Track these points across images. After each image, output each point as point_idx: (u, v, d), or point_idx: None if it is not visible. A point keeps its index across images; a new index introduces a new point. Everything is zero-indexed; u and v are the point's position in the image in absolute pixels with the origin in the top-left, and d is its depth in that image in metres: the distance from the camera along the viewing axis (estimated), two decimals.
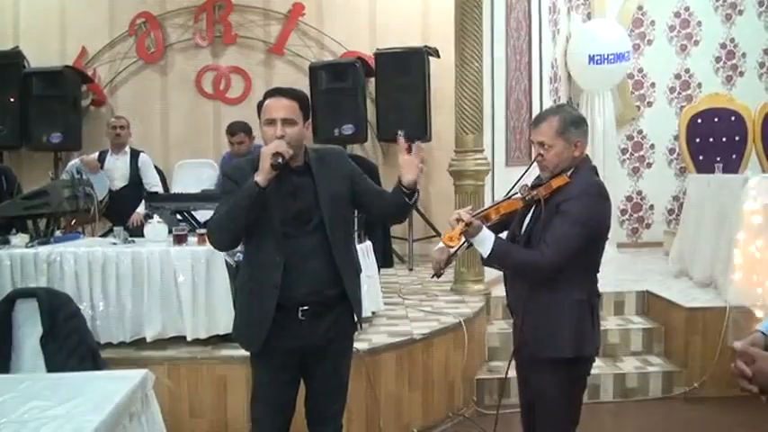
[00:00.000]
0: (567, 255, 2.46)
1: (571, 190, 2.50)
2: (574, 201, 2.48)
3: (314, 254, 2.55)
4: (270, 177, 2.43)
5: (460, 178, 5.24)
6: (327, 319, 2.60)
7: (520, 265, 2.55)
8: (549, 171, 2.57)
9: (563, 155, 2.55)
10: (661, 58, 8.13)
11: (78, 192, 4.66)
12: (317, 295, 2.56)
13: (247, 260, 2.69)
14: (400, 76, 6.78)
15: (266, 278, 2.54)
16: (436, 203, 7.22)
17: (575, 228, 2.46)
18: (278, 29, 7.54)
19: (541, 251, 2.46)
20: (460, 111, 5.22)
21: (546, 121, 2.58)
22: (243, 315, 2.69)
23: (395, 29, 7.25)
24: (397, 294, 5.29)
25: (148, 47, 7.55)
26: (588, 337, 2.58)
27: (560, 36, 7.35)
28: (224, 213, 2.51)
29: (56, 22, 7.58)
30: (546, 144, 2.54)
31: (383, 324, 4.42)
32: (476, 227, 2.45)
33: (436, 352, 4.21)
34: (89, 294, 3.94)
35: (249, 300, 2.63)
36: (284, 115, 2.51)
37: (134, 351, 3.94)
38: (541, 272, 2.49)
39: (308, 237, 2.55)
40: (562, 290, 2.54)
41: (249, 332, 2.64)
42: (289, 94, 2.57)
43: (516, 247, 2.58)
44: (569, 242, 2.46)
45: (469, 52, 5.11)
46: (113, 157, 5.77)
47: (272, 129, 2.52)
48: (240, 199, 2.45)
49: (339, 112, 6.80)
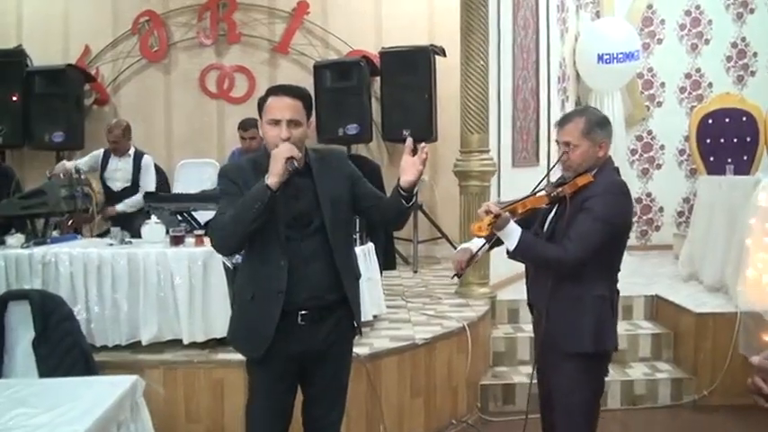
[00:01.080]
0: (590, 250, 2.51)
1: (595, 188, 2.55)
2: (597, 198, 2.53)
3: (314, 257, 2.48)
4: (281, 181, 2.32)
5: (465, 179, 5.14)
6: (328, 324, 2.54)
7: (544, 258, 2.60)
8: (573, 171, 2.63)
9: (588, 155, 2.60)
10: (671, 58, 8.00)
11: (76, 191, 4.59)
12: (318, 300, 2.49)
13: (248, 264, 2.59)
14: (406, 75, 6.67)
15: (270, 283, 2.46)
16: (442, 205, 7.13)
17: (597, 224, 2.51)
18: (282, 27, 7.46)
19: (565, 246, 2.51)
20: (465, 110, 5.11)
21: (572, 122, 2.64)
22: (243, 320, 2.59)
23: (401, 28, 7.16)
24: (400, 297, 5.19)
25: (152, 45, 7.48)
26: (608, 333, 2.65)
27: (569, 35, 7.25)
28: (231, 217, 2.39)
29: (59, 21, 7.52)
30: (571, 144, 2.60)
31: (385, 328, 4.32)
32: (504, 219, 2.50)
33: (439, 357, 4.11)
34: (84, 296, 3.86)
35: (251, 305, 2.53)
36: (290, 116, 2.42)
37: (130, 354, 3.86)
38: (565, 266, 2.54)
39: (309, 240, 2.48)
40: (584, 285, 2.59)
41: (251, 338, 2.54)
42: (293, 93, 2.47)
43: (541, 241, 2.62)
44: (592, 238, 2.51)
45: (475, 49, 5.00)
46: (116, 160, 5.66)
47: (275, 129, 2.42)
48: (250, 202, 2.34)
49: (343, 112, 6.72)
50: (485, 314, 4.69)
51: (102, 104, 7.56)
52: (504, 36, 5.50)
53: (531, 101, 6.08)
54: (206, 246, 3.86)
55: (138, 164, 5.64)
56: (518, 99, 5.80)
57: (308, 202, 2.49)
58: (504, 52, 5.49)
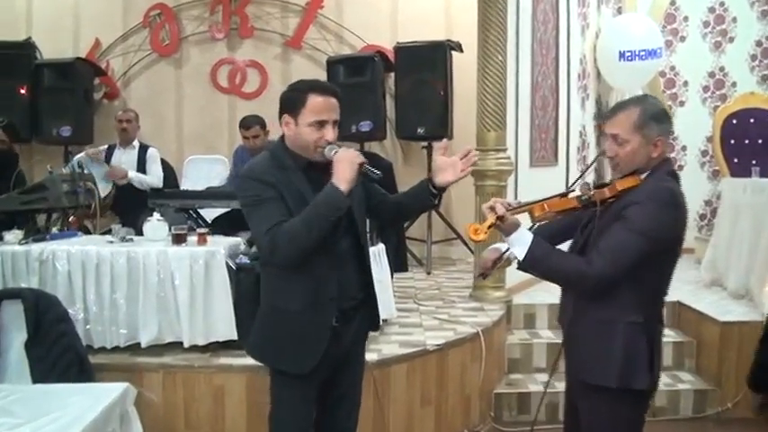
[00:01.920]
0: (621, 267, 2.14)
1: (638, 194, 2.19)
2: (637, 206, 2.15)
3: (349, 258, 2.41)
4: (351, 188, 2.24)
5: (481, 178, 4.95)
6: (355, 323, 2.48)
7: (562, 272, 2.23)
8: (619, 171, 2.28)
9: (638, 153, 2.23)
10: (694, 56, 7.74)
11: (78, 187, 4.46)
12: (350, 301, 2.43)
13: (291, 273, 2.35)
14: (421, 71, 6.48)
15: (321, 290, 2.34)
16: (457, 204, 6.94)
17: (632, 237, 2.13)
18: (296, 22, 7.30)
19: (589, 259, 2.16)
20: (482, 106, 4.92)
21: (624, 112, 2.25)
22: (287, 334, 2.39)
23: (416, 23, 6.97)
24: (412, 300, 5.02)
25: (163, 39, 7.35)
26: (640, 368, 2.22)
27: (590, 31, 7.02)
28: (303, 227, 2.22)
29: (69, 13, 7.39)
30: (620, 138, 2.23)
31: (395, 333, 4.14)
32: (511, 223, 2.19)
33: (451, 364, 3.93)
34: (82, 295, 3.71)
35: (298, 316, 2.35)
36: (336, 117, 2.32)
37: (128, 357, 3.71)
38: (586, 283, 2.18)
39: (342, 241, 2.38)
40: (614, 308, 2.22)
41: (302, 351, 2.36)
42: (336, 93, 2.37)
43: (559, 251, 2.26)
44: (625, 252, 2.13)
45: (493, 44, 4.81)
46: (121, 151, 5.55)
47: (320, 131, 2.28)
48: (327, 211, 2.21)
49: (357, 108, 6.49)
50: (500, 319, 4.50)
51: (112, 99, 7.44)
52: (523, 31, 5.30)
53: (550, 98, 5.87)
54: (208, 244, 3.71)
55: (143, 156, 5.52)
56: (537, 96, 5.60)
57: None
58: (522, 48, 5.29)
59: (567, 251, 2.28)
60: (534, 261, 2.20)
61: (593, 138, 7.28)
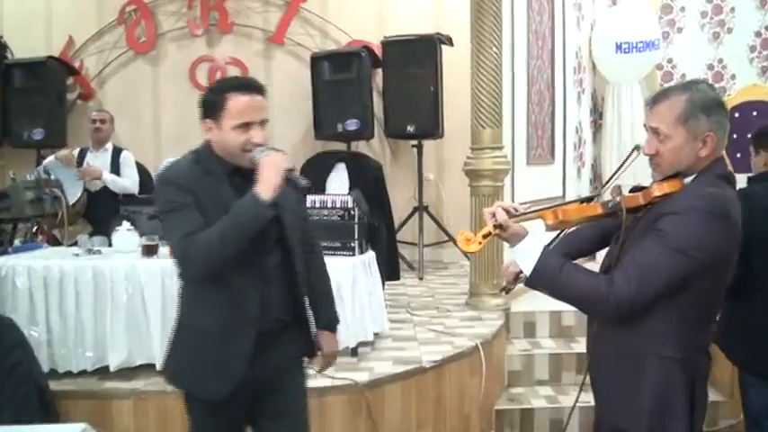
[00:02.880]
0: (650, 291, 1.77)
1: (678, 201, 1.81)
2: (675, 217, 1.77)
3: (275, 276, 2.16)
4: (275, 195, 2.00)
5: (476, 179, 4.65)
6: (283, 346, 2.21)
7: (575, 293, 1.84)
8: (660, 172, 1.90)
9: (683, 151, 1.84)
10: (692, 47, 7.43)
11: (44, 194, 4.15)
12: (275, 323, 2.17)
13: (202, 288, 2.12)
14: (410, 66, 6.16)
15: (240, 310, 2.08)
16: (449, 206, 6.65)
17: (666, 254, 1.75)
18: (278, 16, 6.96)
19: (611, 279, 1.79)
20: (477, 102, 4.63)
21: (667, 101, 1.85)
22: (203, 357, 2.13)
23: (404, 16, 6.68)
24: (405, 309, 4.71)
25: (139, 36, 7.00)
26: (675, 416, 1.83)
27: (585, 22, 6.73)
28: (218, 238, 1.97)
29: (41, 11, 7.03)
30: (661, 133, 1.85)
31: (387, 348, 3.84)
32: (514, 232, 1.87)
33: (449, 381, 3.63)
34: (45, 315, 3.42)
35: (214, 338, 2.10)
36: (263, 116, 2.08)
37: (96, 382, 3.40)
38: (605, 308, 1.80)
39: (270, 255, 2.14)
40: (642, 337, 1.84)
41: (217, 377, 2.10)
42: (261, 91, 2.11)
43: (575, 267, 1.86)
44: (655, 273, 1.76)
45: (488, 35, 4.51)
46: (93, 154, 5.21)
47: (245, 134, 2.04)
48: (246, 222, 1.99)
49: (343, 106, 6.22)
50: (499, 329, 4.20)
51: (87, 99, 7.09)
52: (519, 21, 5.01)
53: (545, 93, 5.59)
54: None
55: (116, 160, 5.18)
56: (532, 91, 5.31)
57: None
58: (518, 39, 5.00)
59: (586, 267, 1.90)
60: (543, 278, 1.86)
61: (589, 134, 7.00)
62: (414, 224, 6.36)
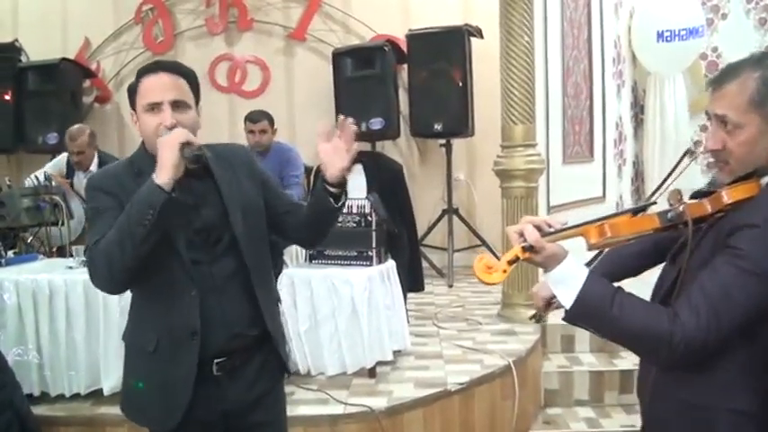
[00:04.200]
0: (726, 327, 1.36)
1: (755, 210, 1.40)
2: (755, 232, 1.37)
3: (229, 284, 1.87)
4: (175, 177, 1.69)
5: (508, 179, 4.29)
6: (251, 369, 1.92)
7: (629, 333, 1.43)
8: (730, 172, 1.49)
9: (758, 144, 1.43)
10: (737, 34, 6.98)
11: (42, 202, 3.88)
12: (238, 340, 1.88)
13: (141, 302, 1.92)
14: (437, 60, 5.80)
15: (179, 323, 1.81)
16: (481, 208, 6.27)
17: (746, 279, 1.35)
18: (299, 12, 6.65)
19: (675, 314, 1.38)
20: (507, 96, 4.25)
21: (735, 81, 1.44)
22: (144, 381, 1.88)
23: (431, 7, 6.30)
24: (431, 321, 4.35)
25: (156, 36, 6.76)
26: None
27: (623, 9, 6.30)
28: (115, 237, 1.71)
29: (57, 12, 6.84)
30: (729, 122, 1.44)
31: (409, 368, 3.48)
32: (550, 254, 1.44)
33: (478, 405, 3.26)
34: (35, 334, 3.13)
35: (154, 358, 1.84)
36: (174, 96, 1.82)
37: (90, 406, 3.13)
38: (670, 352, 1.37)
39: (221, 262, 1.86)
40: (711, 387, 1.45)
41: (160, 405, 1.85)
42: (176, 69, 1.88)
43: (629, 297, 1.44)
44: (732, 304, 1.36)
45: (518, 23, 4.13)
46: (81, 174, 4.82)
47: (155, 117, 1.80)
48: (138, 213, 1.69)
49: (366, 104, 5.88)
50: (534, 345, 3.82)
51: (104, 102, 6.88)
52: (552, 7, 4.62)
53: (583, 85, 5.19)
54: None
55: None
56: (568, 83, 4.93)
57: (213, 212, 1.87)
58: (551, 27, 4.62)
59: (641, 297, 1.48)
60: (588, 312, 1.43)
61: (630, 130, 6.57)
62: (443, 228, 6.00)
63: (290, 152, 4.91)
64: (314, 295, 3.29)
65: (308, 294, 3.30)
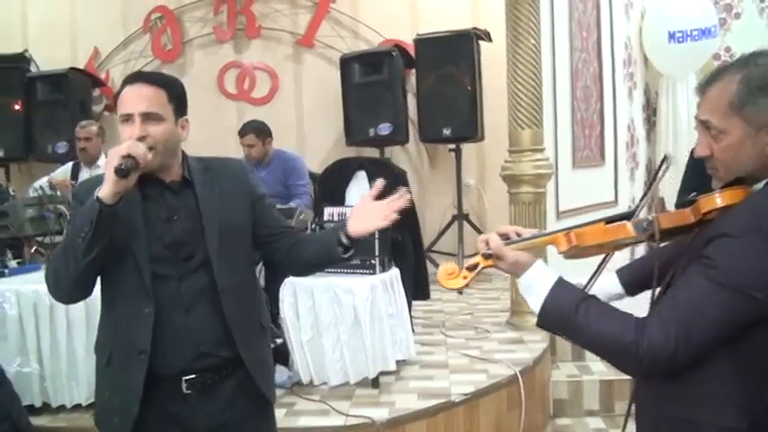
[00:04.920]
0: (695, 342, 1.29)
1: (733, 219, 1.33)
2: (728, 241, 1.30)
3: (199, 301, 1.81)
4: (117, 191, 1.65)
5: (516, 185, 4.23)
6: (224, 391, 1.85)
7: (596, 341, 1.38)
8: (719, 178, 1.42)
9: (743, 150, 1.35)
10: (751, 34, 6.85)
11: (47, 211, 3.85)
12: (207, 359, 1.82)
13: (105, 314, 1.89)
14: (445, 65, 5.76)
15: (129, 339, 1.79)
16: (492, 214, 6.21)
17: (717, 292, 1.28)
18: (307, 18, 6.63)
19: (643, 324, 1.32)
20: (514, 99, 4.20)
21: (717, 84, 1.38)
22: (104, 394, 1.88)
23: (440, 11, 6.25)
24: (439, 329, 4.29)
25: (165, 44, 6.76)
26: None
27: (634, 10, 6.22)
28: (60, 252, 1.75)
29: (66, 22, 6.87)
30: (713, 127, 1.37)
31: (414, 377, 3.43)
32: (513, 261, 1.46)
33: (484, 417, 3.20)
34: (36, 345, 3.12)
35: (107, 371, 1.85)
36: (145, 108, 1.78)
37: (90, 417, 3.03)
38: (635, 363, 1.33)
39: (190, 278, 1.81)
40: (697, 404, 1.37)
41: (113, 418, 1.83)
42: (153, 80, 1.85)
43: (598, 305, 1.40)
44: (702, 318, 1.29)
45: (524, 25, 4.08)
46: (87, 171, 4.88)
47: (129, 128, 1.78)
48: (78, 226, 1.69)
49: (375, 110, 5.85)
50: (543, 353, 3.74)
51: (113, 111, 6.88)
52: (559, 9, 4.56)
53: (593, 88, 5.12)
54: None
55: None
56: (577, 86, 4.86)
57: (188, 227, 1.83)
58: (559, 29, 4.56)
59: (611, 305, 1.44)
60: (554, 319, 1.41)
61: (642, 132, 6.48)
62: (453, 233, 5.95)
63: (295, 161, 4.88)
64: (316, 304, 3.25)
65: (310, 304, 3.26)
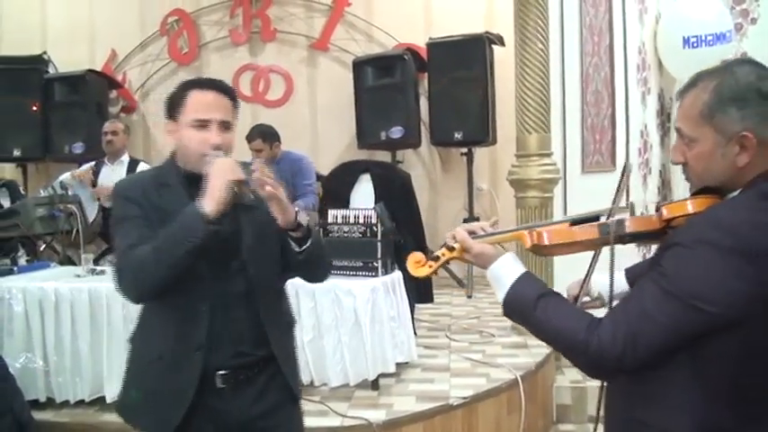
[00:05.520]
0: (643, 349, 1.28)
1: (688, 229, 1.32)
2: (679, 251, 1.29)
3: (237, 302, 1.86)
4: (222, 208, 1.71)
5: (523, 189, 4.22)
6: (256, 386, 1.90)
7: (551, 336, 1.41)
8: (693, 185, 1.44)
9: (713, 159, 1.35)
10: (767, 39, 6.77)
11: (57, 210, 3.93)
12: (243, 357, 1.87)
13: (151, 310, 1.91)
14: (457, 68, 5.76)
15: (185, 336, 1.82)
16: (504, 218, 6.13)
17: (665, 301, 1.27)
18: (321, 22, 6.68)
19: (596, 323, 1.33)
20: (521, 104, 4.19)
21: (693, 91, 1.37)
22: (147, 389, 1.88)
23: (454, 15, 6.27)
24: (444, 333, 4.29)
25: (181, 47, 6.84)
26: None
27: (648, 15, 6.17)
28: (153, 254, 1.73)
29: (84, 25, 6.98)
30: (684, 135, 1.38)
31: (414, 380, 3.43)
32: (478, 252, 1.51)
33: (482, 420, 3.20)
34: (41, 341, 3.18)
35: (157, 368, 1.85)
36: (222, 116, 1.83)
37: (93, 413, 3.15)
38: (585, 361, 1.34)
39: (230, 280, 1.85)
40: (657, 411, 1.35)
41: (158, 412, 1.85)
42: (223, 88, 1.89)
43: (558, 301, 1.42)
44: (651, 325, 1.28)
45: (531, 29, 4.08)
46: (109, 167, 5.00)
47: (201, 133, 1.81)
48: (181, 237, 1.71)
49: (387, 113, 5.88)
50: (545, 359, 3.73)
51: (130, 112, 6.98)
52: (569, 13, 4.54)
53: (604, 93, 5.07)
54: None
55: (132, 172, 4.94)
56: (587, 91, 4.81)
57: (230, 230, 1.84)
58: (569, 33, 4.53)
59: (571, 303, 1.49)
60: (516, 312, 1.46)
61: (656, 138, 6.41)
62: None
63: (301, 161, 4.91)
64: (317, 306, 3.26)
65: (311, 305, 3.27)
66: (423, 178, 6.53)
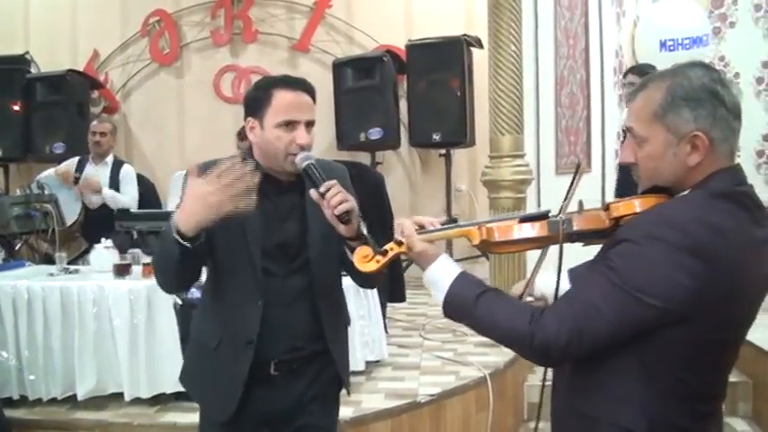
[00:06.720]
0: (588, 340, 1.32)
1: (638, 225, 1.35)
2: (628, 246, 1.33)
3: (297, 299, 1.90)
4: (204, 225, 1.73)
5: (496, 189, 4.26)
6: (306, 376, 1.96)
7: (494, 330, 1.42)
8: (642, 185, 1.46)
9: (663, 159, 1.37)
10: (746, 44, 6.82)
11: (33, 210, 3.95)
12: (298, 351, 1.93)
13: (212, 301, 1.96)
14: (436, 70, 5.84)
15: (238, 329, 1.88)
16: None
17: (612, 294, 1.31)
18: (303, 23, 6.71)
19: (539, 314, 1.35)
20: (495, 106, 4.23)
21: (645, 91, 1.39)
22: (204, 373, 1.97)
23: (433, 18, 6.31)
24: (418, 333, 4.34)
25: (162, 48, 6.85)
26: None
27: (626, 19, 6.26)
28: (158, 252, 1.85)
29: (66, 25, 6.97)
30: (635, 134, 1.41)
31: (384, 378, 3.48)
32: (420, 251, 1.49)
33: (450, 418, 3.24)
34: (15, 338, 3.20)
35: (214, 355, 1.92)
36: (309, 117, 1.86)
37: (65, 411, 3.17)
38: (531, 352, 1.37)
39: (293, 276, 1.90)
40: (600, 401, 1.40)
41: (215, 396, 1.94)
42: (308, 89, 1.89)
43: (498, 296, 1.44)
44: (596, 317, 1.31)
45: (504, 32, 4.12)
46: (92, 166, 5.01)
47: (289, 133, 1.82)
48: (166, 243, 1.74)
49: (366, 114, 5.94)
50: (516, 357, 3.76)
51: (112, 113, 6.97)
52: (544, 17, 4.61)
53: (579, 95, 5.16)
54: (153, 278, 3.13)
55: (116, 174, 4.96)
56: (562, 93, 4.90)
57: (295, 228, 1.90)
58: (543, 36, 4.60)
59: (511, 297, 1.51)
60: (457, 312, 1.45)
61: None
62: None
63: None
64: None
65: None
66: (402, 179, 6.58)
